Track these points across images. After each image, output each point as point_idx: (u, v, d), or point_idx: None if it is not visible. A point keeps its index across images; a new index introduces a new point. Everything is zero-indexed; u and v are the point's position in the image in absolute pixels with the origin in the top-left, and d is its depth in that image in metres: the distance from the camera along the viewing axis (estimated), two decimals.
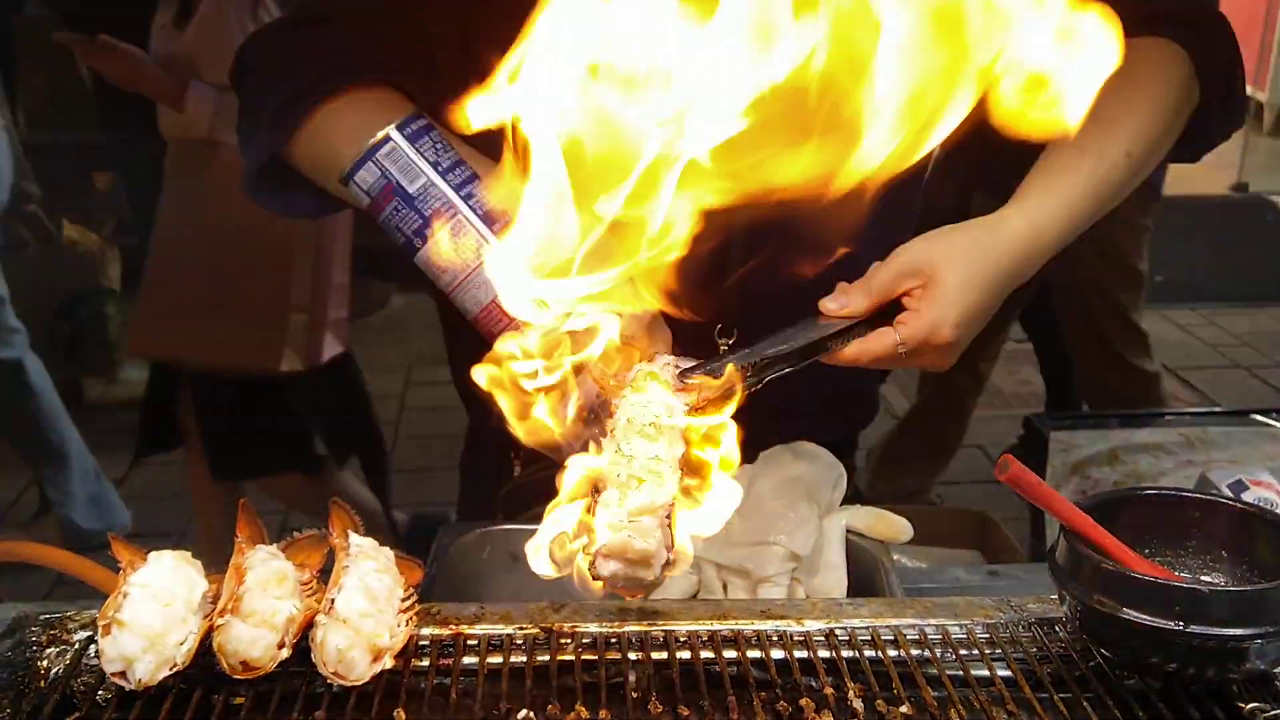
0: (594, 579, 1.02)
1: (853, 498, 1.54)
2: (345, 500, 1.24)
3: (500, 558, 1.53)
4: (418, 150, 1.31)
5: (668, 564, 1.02)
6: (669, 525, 1.03)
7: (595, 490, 1.03)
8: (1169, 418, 2.69)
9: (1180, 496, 1.19)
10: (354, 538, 1.16)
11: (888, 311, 1.25)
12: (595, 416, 1.16)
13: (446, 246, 1.30)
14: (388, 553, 1.17)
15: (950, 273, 1.24)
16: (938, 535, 2.27)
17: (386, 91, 1.41)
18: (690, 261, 1.12)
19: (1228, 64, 1.46)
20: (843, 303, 1.24)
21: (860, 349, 1.23)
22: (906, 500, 3.74)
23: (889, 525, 1.49)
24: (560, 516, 1.06)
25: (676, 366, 1.13)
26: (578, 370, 1.13)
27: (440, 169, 1.31)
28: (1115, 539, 1.11)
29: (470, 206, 1.31)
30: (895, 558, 1.48)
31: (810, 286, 1.25)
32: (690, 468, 1.07)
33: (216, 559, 1.15)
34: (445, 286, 1.33)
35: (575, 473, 1.06)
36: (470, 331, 1.40)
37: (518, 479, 1.60)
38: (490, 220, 1.31)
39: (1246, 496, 1.70)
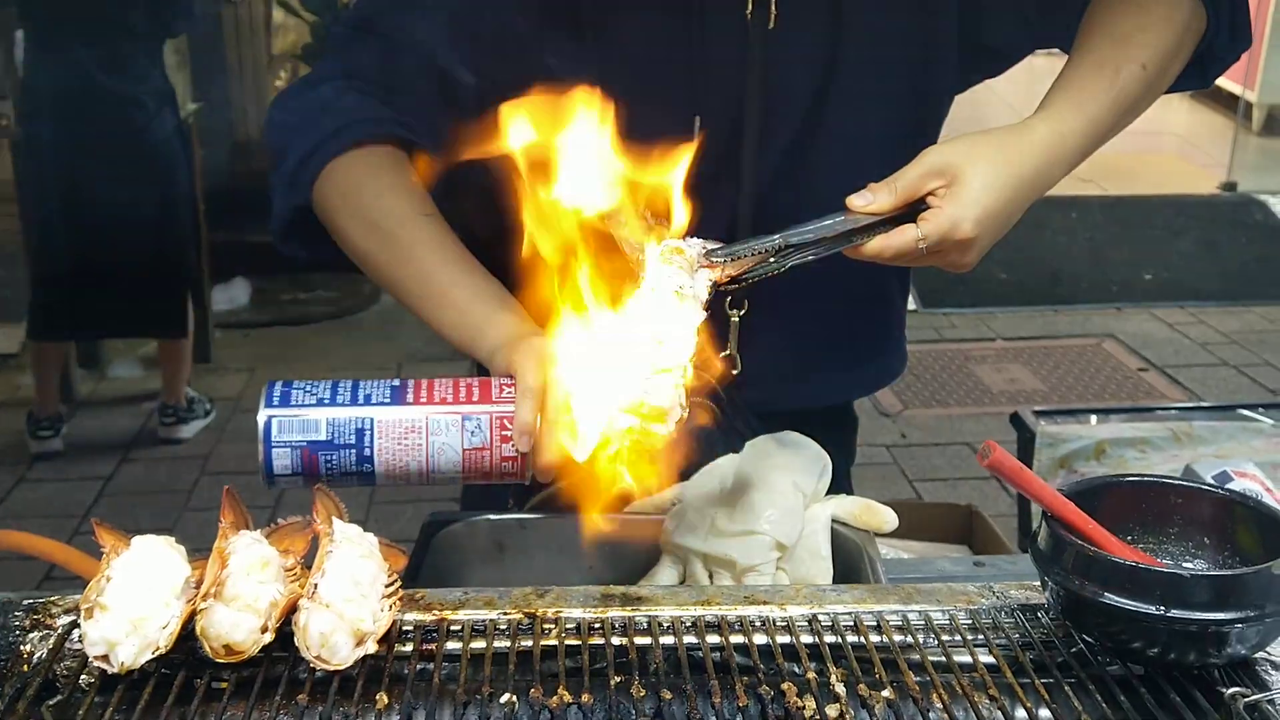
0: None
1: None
2: None
3: (486, 547, 1.53)
4: (297, 405, 1.26)
5: (680, 420, 1.10)
6: (682, 386, 1.11)
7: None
8: (1156, 412, 2.70)
9: (1163, 483, 1.20)
10: (338, 524, 1.16)
11: (912, 211, 1.30)
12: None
13: (389, 448, 1.26)
14: (372, 539, 1.17)
15: (974, 173, 1.30)
16: (924, 529, 2.26)
17: (387, 150, 1.47)
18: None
19: None
20: (869, 199, 1.29)
21: (883, 243, 1.29)
22: None
23: (874, 515, 1.49)
24: None
25: (704, 247, 1.22)
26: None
27: (327, 402, 1.27)
28: (1098, 525, 1.11)
29: (376, 403, 1.27)
30: (882, 551, 1.49)
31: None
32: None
33: None
34: (418, 481, 1.29)
35: None
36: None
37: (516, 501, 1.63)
38: (400, 398, 1.27)
39: (1231, 488, 1.71)
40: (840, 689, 1.05)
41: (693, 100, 1.50)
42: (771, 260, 1.25)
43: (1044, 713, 1.05)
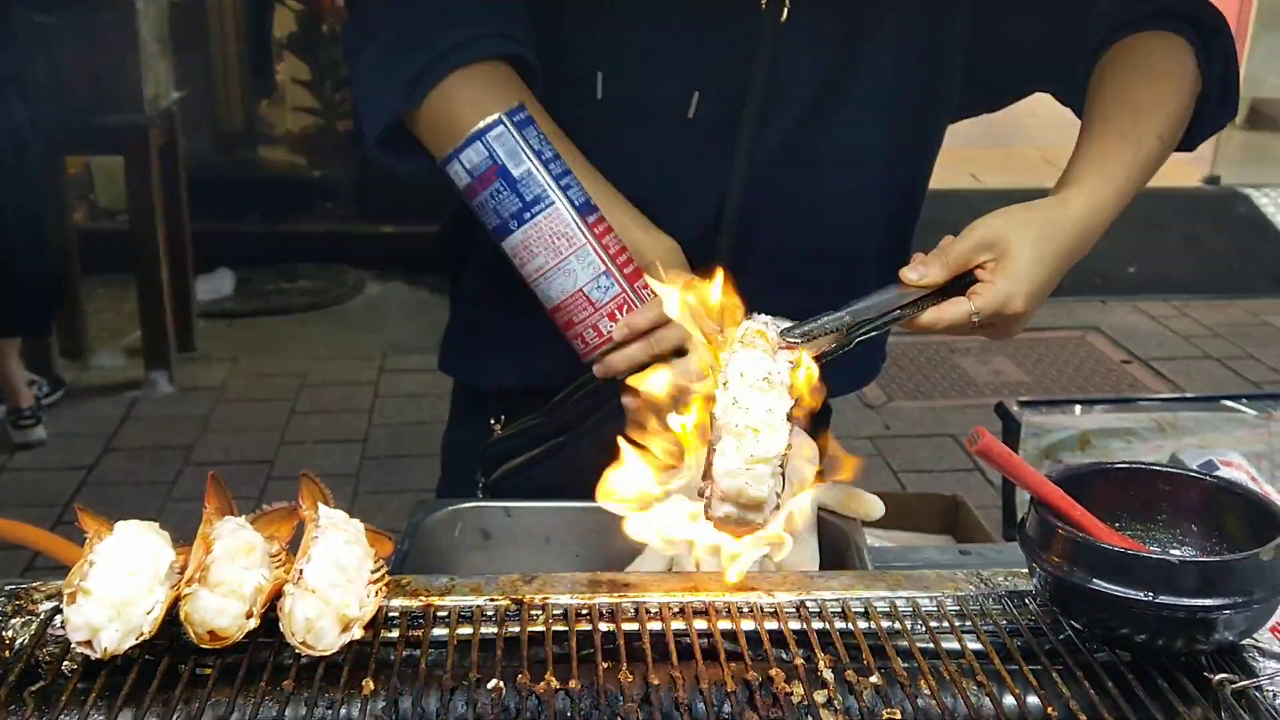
0: (708, 519, 1.12)
1: None
2: None
3: (472, 534, 1.53)
4: (524, 138, 1.38)
5: (775, 509, 1.12)
6: (781, 474, 1.11)
7: (712, 440, 1.12)
8: (1141, 403, 2.71)
9: (1151, 471, 1.20)
10: (324, 510, 1.16)
11: (959, 282, 1.34)
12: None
13: (541, 233, 1.38)
14: (357, 525, 1.16)
15: (1023, 248, 1.34)
16: (909, 519, 2.27)
17: (509, 70, 1.47)
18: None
19: (1225, 56, 1.55)
20: (922, 273, 1.33)
21: (936, 316, 1.33)
22: None
23: (860, 503, 1.49)
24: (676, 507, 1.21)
25: (776, 326, 1.22)
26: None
27: (543, 158, 1.39)
28: (1086, 511, 1.11)
29: (569, 197, 1.39)
30: (868, 540, 1.49)
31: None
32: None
33: None
34: (532, 273, 1.41)
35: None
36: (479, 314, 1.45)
37: (499, 435, 1.66)
38: (585, 212, 1.39)
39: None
40: (828, 675, 1.05)
41: (694, 77, 1.52)
42: (843, 339, 1.27)
43: (1032, 699, 1.05)
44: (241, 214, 6.44)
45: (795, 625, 1.13)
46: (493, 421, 1.67)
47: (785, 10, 1.49)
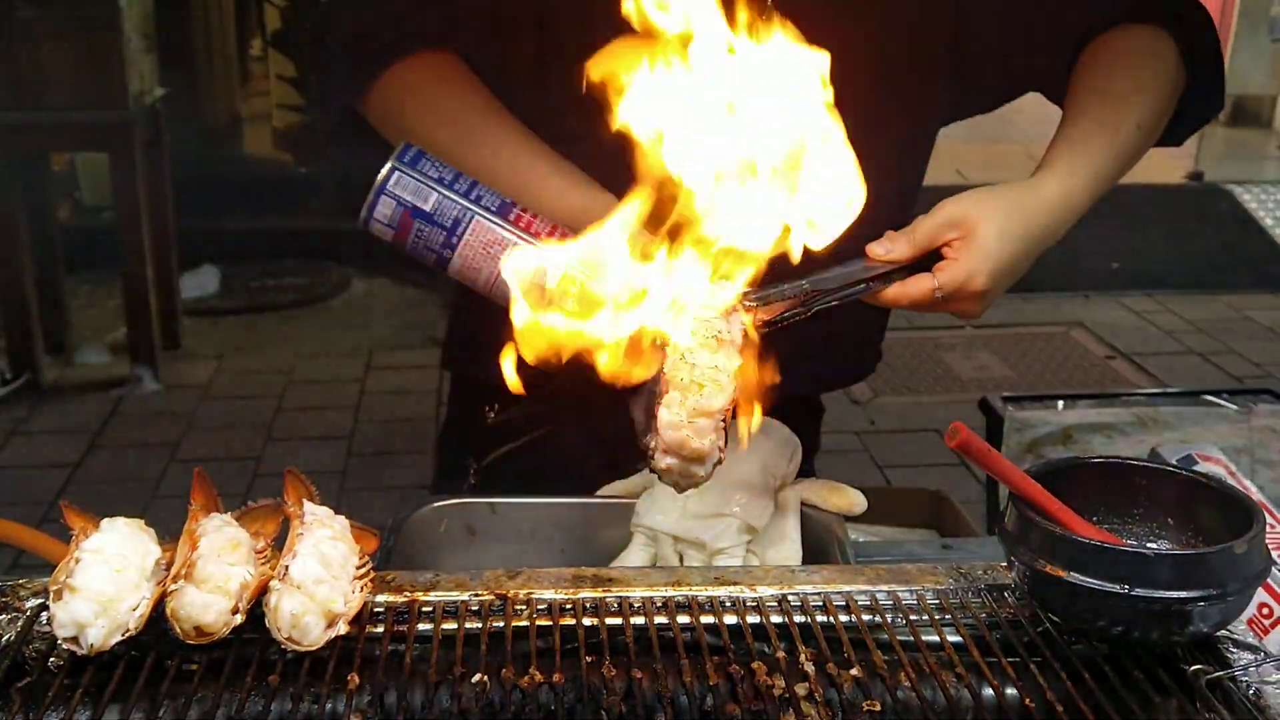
0: (652, 471, 1.15)
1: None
2: None
3: (457, 530, 1.53)
4: (421, 173, 1.40)
5: (718, 463, 1.13)
6: (723, 429, 1.14)
7: (658, 393, 1.15)
8: (1122, 398, 2.72)
9: (1128, 465, 1.21)
10: (309, 506, 1.16)
11: (928, 260, 1.34)
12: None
13: (474, 249, 1.39)
14: (343, 521, 1.17)
15: (989, 226, 1.34)
16: (892, 514, 2.27)
17: (449, 57, 1.52)
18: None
19: (1208, 50, 1.56)
20: (888, 248, 1.33)
21: (900, 291, 1.34)
22: None
23: (843, 498, 1.50)
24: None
25: (737, 290, 1.23)
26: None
27: (445, 183, 1.40)
28: (1064, 505, 1.12)
29: (484, 206, 1.40)
30: (851, 534, 1.50)
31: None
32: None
33: None
34: (484, 286, 1.42)
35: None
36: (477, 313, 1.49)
37: (492, 422, 1.69)
38: (504, 213, 1.40)
39: (1195, 471, 1.72)
40: (809, 668, 1.06)
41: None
42: (800, 305, 1.28)
43: (1010, 691, 1.06)
44: (227, 211, 6.43)
45: (777, 619, 1.14)
46: (488, 410, 1.70)
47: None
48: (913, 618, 1.15)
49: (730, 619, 1.13)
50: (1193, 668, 1.06)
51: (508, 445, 1.65)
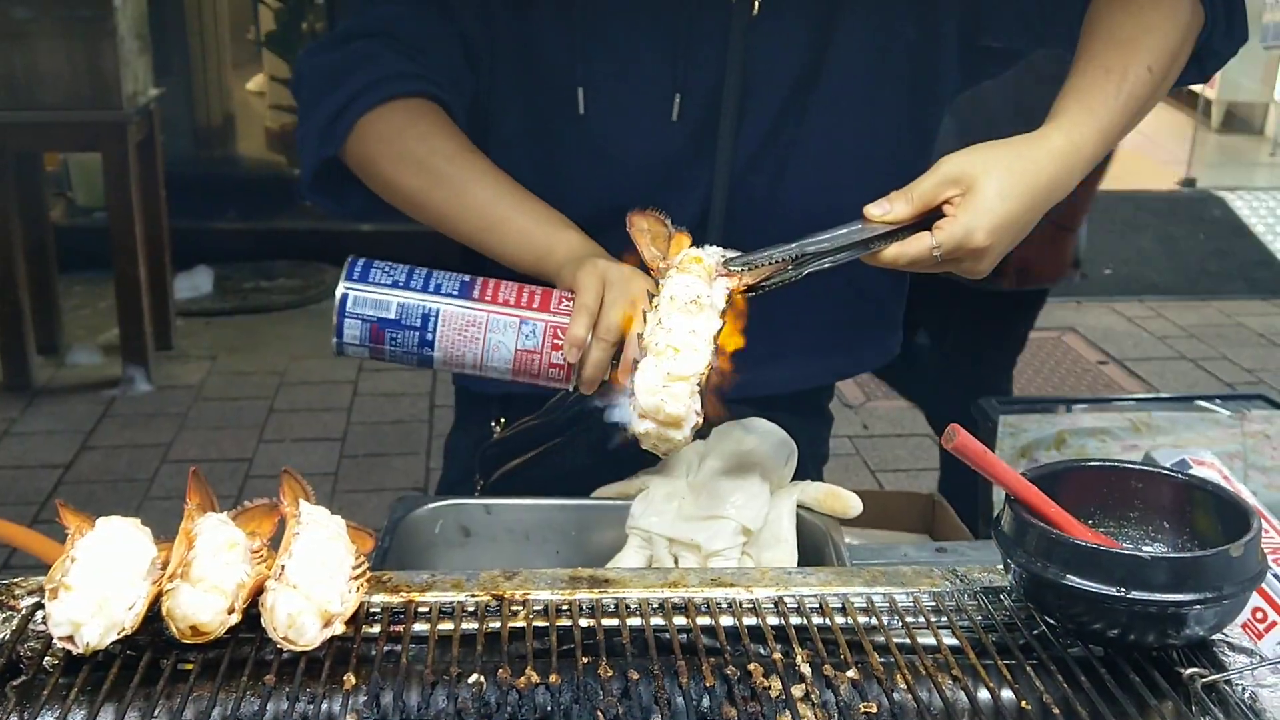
0: (631, 435, 1.16)
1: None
2: None
3: (452, 531, 1.53)
4: (375, 284, 1.39)
5: (695, 426, 1.14)
6: (699, 393, 1.14)
7: (636, 359, 1.16)
8: (1116, 403, 2.72)
9: (1124, 468, 1.21)
10: (305, 506, 1.16)
11: (929, 219, 1.32)
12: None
13: (450, 337, 1.38)
14: (339, 521, 1.17)
15: (989, 182, 1.31)
16: (885, 518, 2.27)
17: (421, 102, 1.50)
18: None
19: None
20: (886, 208, 1.31)
21: (898, 251, 1.31)
22: None
23: (839, 500, 1.50)
24: None
25: (722, 255, 1.25)
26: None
27: (401, 285, 1.39)
28: (1060, 508, 1.13)
29: (445, 294, 1.39)
30: (847, 540, 1.50)
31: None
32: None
33: None
34: (472, 368, 1.41)
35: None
36: None
37: (498, 436, 1.68)
38: (467, 292, 1.39)
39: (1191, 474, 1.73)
40: (806, 670, 1.06)
41: (674, 80, 1.52)
42: (789, 269, 1.26)
43: (1006, 693, 1.06)
44: (220, 212, 6.43)
45: (774, 621, 1.14)
46: (494, 424, 1.69)
47: (756, 3, 1.49)
48: (909, 620, 1.15)
49: (727, 620, 1.13)
50: (1188, 671, 1.06)
51: (514, 461, 1.64)
